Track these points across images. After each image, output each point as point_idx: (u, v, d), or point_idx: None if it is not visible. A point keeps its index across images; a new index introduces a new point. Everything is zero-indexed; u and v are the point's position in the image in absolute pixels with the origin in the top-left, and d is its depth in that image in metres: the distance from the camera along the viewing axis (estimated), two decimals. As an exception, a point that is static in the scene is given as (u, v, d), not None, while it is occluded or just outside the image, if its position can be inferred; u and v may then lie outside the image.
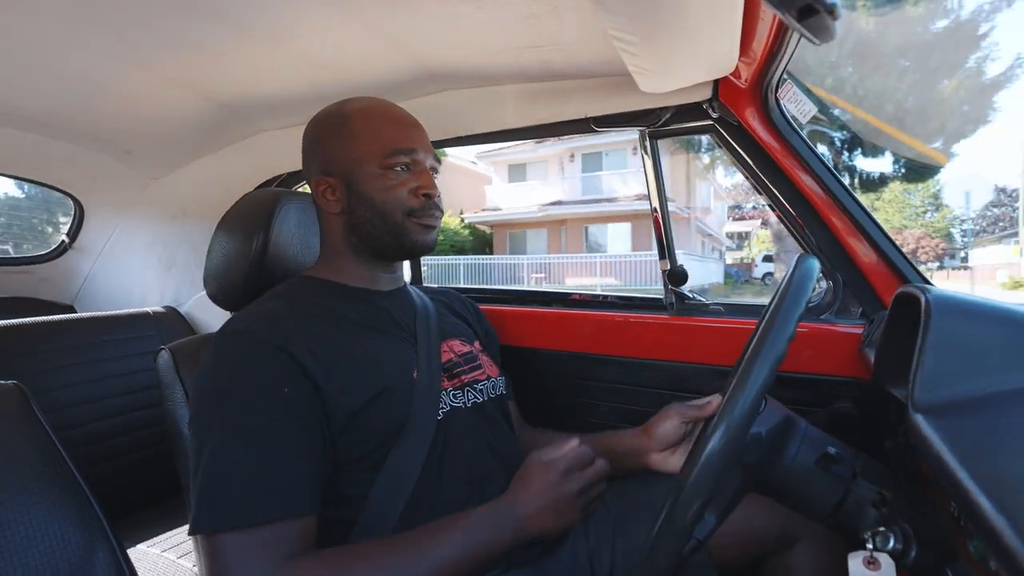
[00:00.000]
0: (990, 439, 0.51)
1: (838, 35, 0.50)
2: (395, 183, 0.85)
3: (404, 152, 0.85)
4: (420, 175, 0.87)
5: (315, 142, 0.89)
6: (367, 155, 0.84)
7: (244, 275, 0.94)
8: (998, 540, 0.37)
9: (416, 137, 0.88)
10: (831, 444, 0.63)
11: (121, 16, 0.93)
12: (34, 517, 0.61)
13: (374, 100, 0.91)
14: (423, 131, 0.91)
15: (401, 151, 0.85)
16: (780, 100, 1.04)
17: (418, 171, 0.87)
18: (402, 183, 0.85)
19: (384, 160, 0.84)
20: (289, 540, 0.65)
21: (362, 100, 0.90)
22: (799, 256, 0.62)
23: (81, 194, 1.80)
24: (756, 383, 0.50)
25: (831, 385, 1.02)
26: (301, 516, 0.67)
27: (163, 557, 1.20)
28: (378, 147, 0.84)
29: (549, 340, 1.31)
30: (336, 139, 0.86)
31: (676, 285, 1.22)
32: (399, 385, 0.79)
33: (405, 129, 0.88)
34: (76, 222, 1.88)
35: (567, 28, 0.96)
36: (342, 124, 0.87)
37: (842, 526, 0.62)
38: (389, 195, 0.84)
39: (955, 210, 23.80)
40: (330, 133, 0.87)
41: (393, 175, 0.85)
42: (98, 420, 1.40)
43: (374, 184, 0.84)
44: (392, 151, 0.84)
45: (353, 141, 0.85)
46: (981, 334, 0.61)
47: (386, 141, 0.85)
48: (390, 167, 0.84)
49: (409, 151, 0.86)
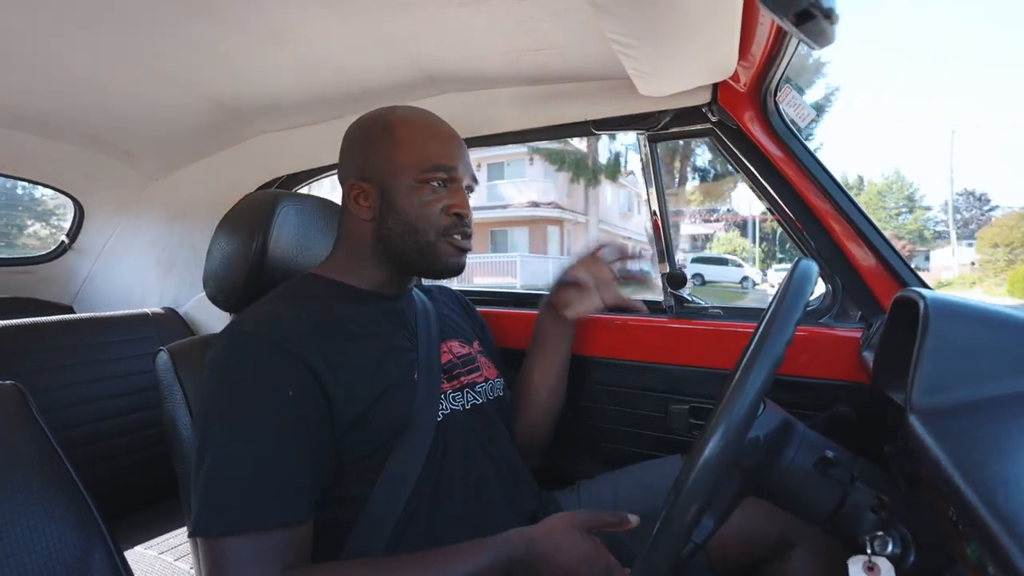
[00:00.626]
0: (988, 443, 0.51)
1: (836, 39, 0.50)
2: (430, 199, 0.83)
3: (444, 169, 0.84)
4: (455, 193, 0.85)
5: (355, 145, 0.88)
6: (405, 166, 0.83)
7: (244, 276, 0.94)
8: (996, 544, 0.37)
9: (458, 154, 0.87)
10: (829, 448, 0.63)
11: (122, 17, 0.94)
12: (31, 518, 0.60)
13: (420, 111, 0.89)
14: (465, 150, 0.89)
15: (441, 167, 0.84)
16: (779, 104, 1.04)
17: (454, 188, 0.86)
18: (437, 199, 0.84)
19: (422, 174, 0.83)
20: (287, 547, 0.65)
21: (408, 109, 0.89)
22: (797, 260, 0.62)
23: (81, 195, 1.81)
24: (753, 387, 0.50)
25: (830, 389, 1.02)
26: (300, 523, 0.67)
27: (160, 559, 1.20)
28: (418, 160, 0.83)
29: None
30: (377, 145, 0.85)
31: (675, 288, 1.22)
32: (400, 387, 0.79)
33: (448, 145, 0.86)
34: (76, 223, 1.88)
35: (566, 31, 0.96)
36: (385, 130, 0.85)
37: (840, 530, 0.61)
38: (423, 211, 0.83)
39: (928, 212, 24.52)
40: (371, 138, 0.86)
41: (429, 190, 0.83)
42: (96, 421, 1.40)
43: (409, 198, 0.83)
44: (432, 166, 0.83)
45: (394, 150, 0.84)
46: (980, 338, 0.61)
47: (428, 154, 0.84)
48: (426, 181, 0.83)
49: (450, 168, 0.85)
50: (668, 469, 0.99)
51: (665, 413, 1.18)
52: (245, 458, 0.66)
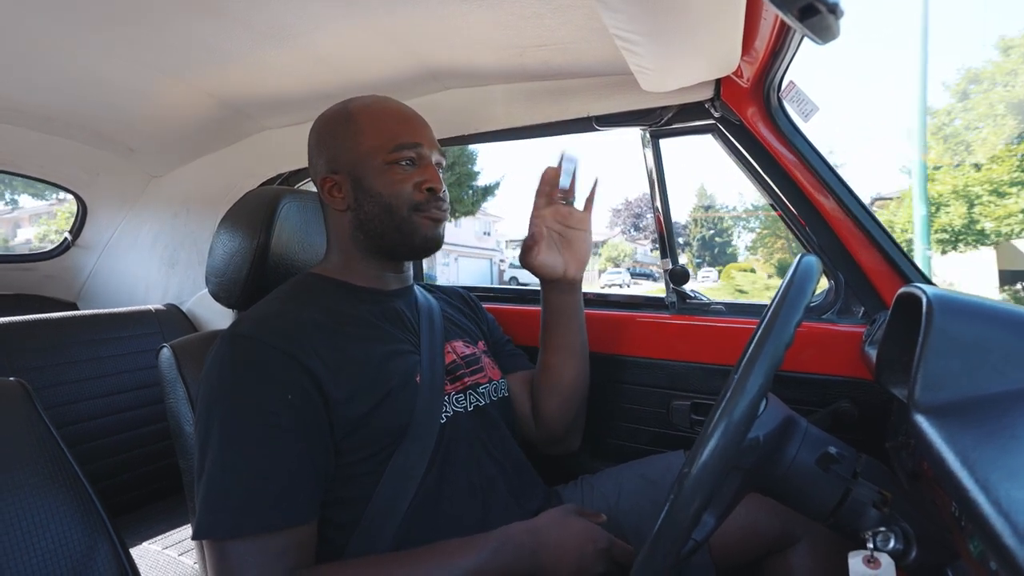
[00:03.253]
0: (991, 439, 0.51)
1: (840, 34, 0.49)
2: (400, 177, 0.84)
3: (408, 147, 0.85)
4: (425, 169, 0.86)
5: (320, 140, 0.89)
6: (372, 150, 0.84)
7: (245, 273, 0.94)
8: (998, 540, 0.37)
9: (420, 132, 0.88)
10: (832, 444, 0.63)
11: (125, 14, 0.94)
12: (36, 514, 0.61)
13: (378, 97, 0.91)
14: (427, 126, 0.90)
15: (405, 145, 0.85)
16: (782, 99, 1.04)
17: (423, 166, 0.87)
18: (407, 177, 0.85)
19: (389, 155, 0.84)
20: (291, 549, 0.66)
21: (367, 98, 0.90)
22: (800, 256, 0.62)
23: (84, 191, 1.81)
24: (755, 385, 0.50)
25: (832, 385, 1.02)
26: (302, 525, 0.67)
27: (164, 554, 1.20)
28: (382, 142, 0.84)
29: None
30: (342, 136, 0.86)
31: (678, 284, 1.22)
32: (403, 389, 0.79)
33: (409, 124, 0.88)
34: (79, 219, 1.89)
35: (569, 27, 0.96)
36: (347, 121, 0.87)
37: (842, 526, 0.61)
38: (395, 189, 0.84)
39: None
40: (335, 131, 0.87)
41: (399, 170, 0.85)
42: (100, 417, 1.40)
43: (380, 179, 0.84)
44: (396, 145, 0.84)
45: (358, 137, 0.85)
46: (983, 335, 0.61)
47: (390, 136, 0.85)
48: (395, 162, 0.84)
49: (413, 145, 0.85)
50: (670, 464, 0.99)
51: (667, 409, 1.18)
52: (247, 462, 0.66)
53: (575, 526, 0.75)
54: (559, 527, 0.75)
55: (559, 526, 0.75)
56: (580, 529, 0.75)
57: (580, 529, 0.75)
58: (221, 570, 0.64)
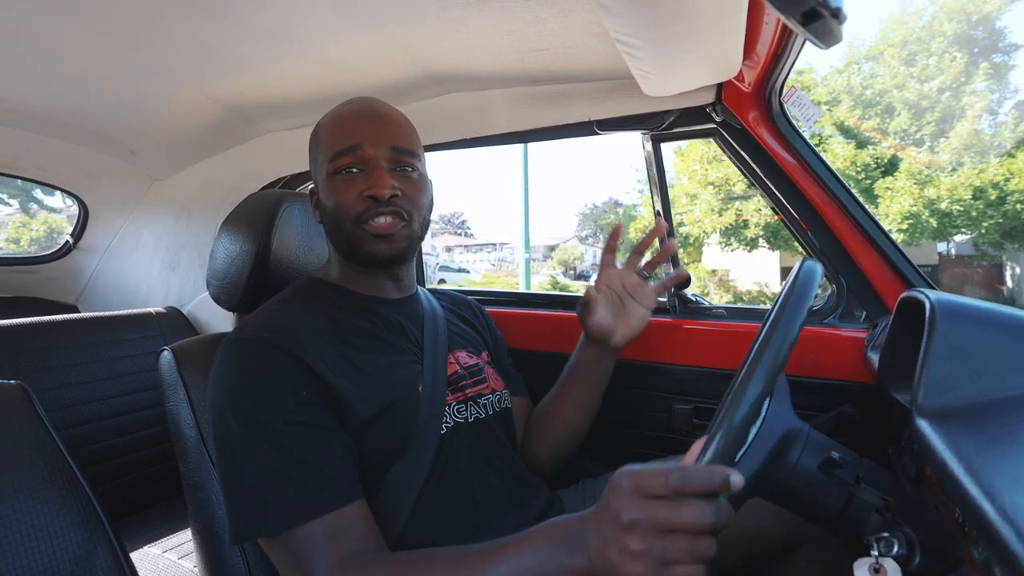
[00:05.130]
0: (994, 444, 0.50)
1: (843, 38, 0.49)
2: (344, 187, 0.79)
3: (345, 152, 0.79)
4: (370, 175, 0.79)
5: (309, 156, 0.90)
6: (321, 163, 0.83)
7: (247, 276, 0.94)
8: (1002, 546, 0.37)
9: (361, 132, 0.80)
10: (834, 449, 0.63)
11: (127, 17, 0.94)
12: (36, 517, 0.61)
13: (347, 103, 0.86)
14: (377, 122, 0.82)
15: (342, 151, 0.79)
16: (784, 104, 1.04)
17: (369, 170, 0.80)
18: (352, 186, 0.79)
19: (331, 164, 0.80)
20: (340, 531, 0.65)
21: (340, 105, 0.87)
22: (802, 260, 0.62)
23: (86, 194, 1.81)
24: (755, 391, 0.50)
25: (835, 389, 1.02)
26: (347, 505, 0.66)
27: (164, 557, 1.20)
28: (326, 152, 0.82)
29: (551, 343, 1.31)
30: (313, 150, 0.87)
31: (679, 289, 1.21)
32: (404, 400, 0.78)
33: (351, 126, 0.81)
34: (80, 222, 1.89)
35: (571, 31, 0.96)
36: (315, 137, 0.87)
37: (845, 531, 0.61)
38: (338, 200, 0.80)
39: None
40: (312, 143, 0.88)
41: (343, 178, 0.79)
42: (100, 420, 1.40)
43: (327, 191, 0.82)
44: (334, 153, 0.80)
45: (316, 151, 0.85)
46: (986, 339, 0.61)
47: (331, 143, 0.81)
48: (337, 171, 0.80)
49: (350, 149, 0.79)
50: None
51: (669, 413, 1.18)
52: (273, 459, 0.66)
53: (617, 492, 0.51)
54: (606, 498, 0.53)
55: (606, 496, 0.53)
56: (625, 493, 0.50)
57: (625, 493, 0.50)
58: (283, 564, 0.65)
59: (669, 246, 1.06)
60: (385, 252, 0.81)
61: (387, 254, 0.82)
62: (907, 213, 10.37)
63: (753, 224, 10.95)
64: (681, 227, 11.88)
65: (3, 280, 1.88)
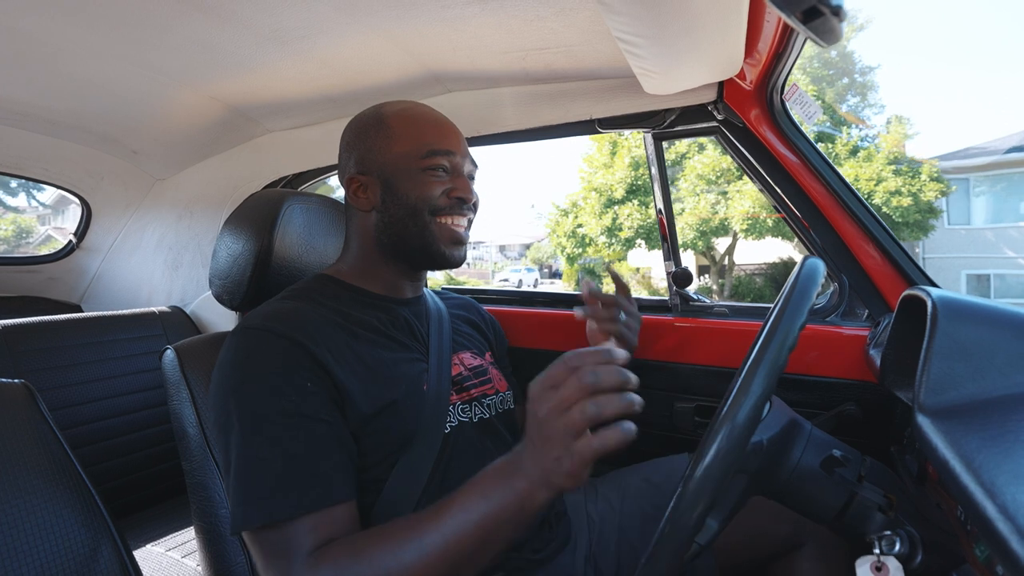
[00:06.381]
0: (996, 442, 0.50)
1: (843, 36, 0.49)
2: (432, 183, 0.84)
3: (441, 153, 0.85)
4: (457, 179, 0.86)
5: (351, 142, 0.89)
6: (405, 155, 0.84)
7: (249, 275, 0.94)
8: (1004, 545, 0.37)
9: (454, 140, 0.87)
10: (836, 447, 0.63)
11: (128, 16, 0.94)
12: (39, 515, 0.61)
13: (413, 103, 0.90)
14: (461, 136, 0.90)
15: (438, 152, 0.84)
16: (785, 102, 1.04)
17: (455, 175, 0.86)
18: (439, 183, 0.84)
19: (422, 160, 0.84)
20: (323, 528, 0.65)
21: (402, 102, 0.90)
22: (804, 258, 0.61)
23: (88, 194, 1.82)
24: (758, 388, 0.50)
25: (837, 387, 1.02)
26: (337, 505, 0.66)
27: (167, 556, 1.20)
28: (416, 147, 0.84)
29: (553, 341, 1.31)
30: (373, 139, 0.86)
31: (681, 287, 1.21)
32: (409, 398, 0.78)
33: (443, 131, 0.87)
34: (83, 222, 1.89)
35: (572, 30, 0.96)
36: (379, 124, 0.87)
37: (848, 529, 0.61)
38: (424, 192, 0.83)
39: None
40: (367, 133, 0.87)
41: (431, 176, 0.84)
42: (104, 419, 1.41)
43: (410, 182, 0.84)
44: (430, 151, 0.84)
45: (391, 141, 0.85)
46: (988, 337, 0.61)
47: (424, 141, 0.84)
48: (427, 168, 0.84)
49: (446, 152, 0.85)
50: (674, 468, 0.98)
51: (671, 411, 1.18)
52: (271, 450, 0.66)
53: (539, 389, 0.56)
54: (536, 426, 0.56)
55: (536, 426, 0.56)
56: (546, 384, 0.56)
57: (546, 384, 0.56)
58: (260, 558, 0.64)
59: (620, 287, 1.04)
60: (456, 257, 0.87)
61: (458, 259, 0.88)
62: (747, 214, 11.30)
63: (626, 227, 12.05)
64: (579, 228, 13.29)
65: (7, 280, 1.89)
